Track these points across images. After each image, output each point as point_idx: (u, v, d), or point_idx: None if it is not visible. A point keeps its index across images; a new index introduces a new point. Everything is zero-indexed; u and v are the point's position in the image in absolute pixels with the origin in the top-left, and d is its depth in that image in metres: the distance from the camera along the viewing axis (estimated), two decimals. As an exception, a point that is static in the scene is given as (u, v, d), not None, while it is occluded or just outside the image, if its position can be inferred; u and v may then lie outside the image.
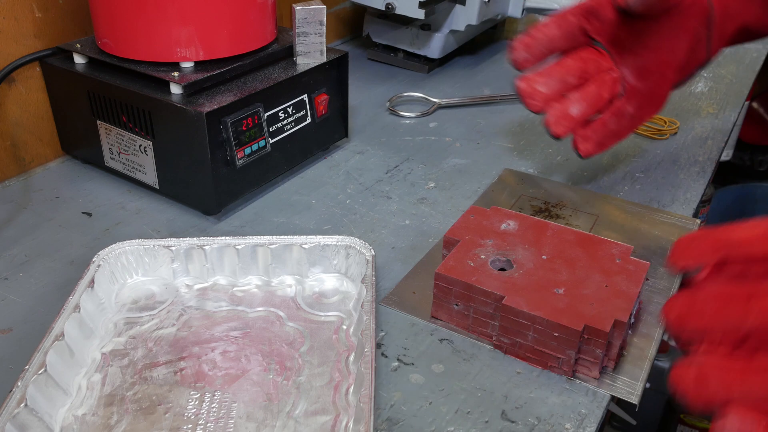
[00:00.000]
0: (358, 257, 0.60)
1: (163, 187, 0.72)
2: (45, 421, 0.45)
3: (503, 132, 0.92)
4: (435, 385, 0.51)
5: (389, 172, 0.81)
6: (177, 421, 0.47)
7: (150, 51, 0.68)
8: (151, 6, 0.65)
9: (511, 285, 0.53)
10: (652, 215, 0.71)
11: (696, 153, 0.87)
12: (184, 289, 0.60)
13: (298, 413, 0.48)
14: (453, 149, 0.87)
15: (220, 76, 0.68)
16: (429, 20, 1.05)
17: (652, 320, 0.58)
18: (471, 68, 1.14)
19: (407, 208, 0.73)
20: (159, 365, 0.52)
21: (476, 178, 0.80)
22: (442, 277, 0.55)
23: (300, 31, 0.74)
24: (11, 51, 0.72)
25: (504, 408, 0.49)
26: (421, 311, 0.58)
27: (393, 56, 1.13)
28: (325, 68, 0.78)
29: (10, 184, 0.76)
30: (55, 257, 0.64)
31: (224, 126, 0.66)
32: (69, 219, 0.70)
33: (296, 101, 0.75)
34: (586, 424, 0.48)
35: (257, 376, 0.51)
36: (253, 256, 0.60)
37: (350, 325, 0.56)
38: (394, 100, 0.98)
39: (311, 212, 0.72)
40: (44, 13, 0.74)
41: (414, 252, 0.66)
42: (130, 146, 0.71)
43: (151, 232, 0.68)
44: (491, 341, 0.55)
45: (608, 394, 0.51)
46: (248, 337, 0.55)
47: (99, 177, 0.78)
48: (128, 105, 0.68)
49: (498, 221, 0.61)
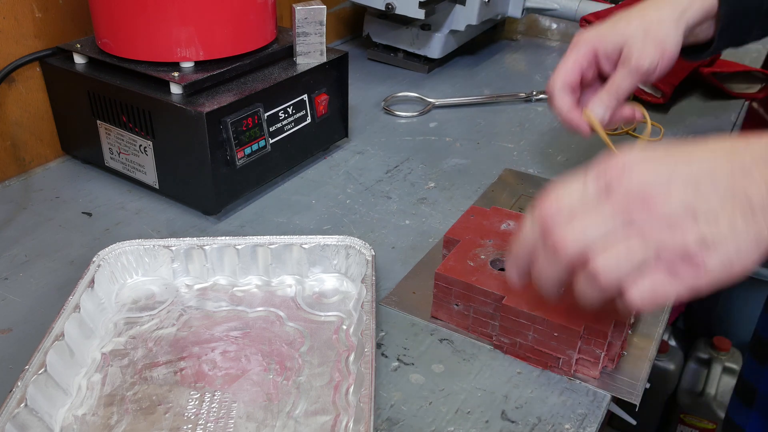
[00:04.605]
0: (358, 257, 0.60)
1: (163, 187, 0.72)
2: (45, 421, 0.45)
3: (503, 132, 0.92)
4: (435, 385, 0.51)
5: (389, 172, 0.81)
6: (177, 421, 0.47)
7: (150, 51, 0.68)
8: (151, 6, 0.65)
9: (511, 285, 0.53)
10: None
11: (696, 153, 0.86)
12: (184, 289, 0.60)
13: (298, 413, 0.48)
14: (453, 149, 0.87)
15: (220, 76, 0.68)
16: (429, 20, 1.05)
17: (652, 320, 0.58)
18: (471, 68, 1.14)
19: (407, 208, 0.73)
20: (159, 365, 0.52)
21: (476, 178, 0.80)
22: (442, 277, 0.55)
23: (300, 31, 0.74)
24: (11, 51, 0.72)
25: (504, 408, 0.49)
26: (421, 311, 0.58)
27: (393, 56, 1.13)
28: (325, 68, 0.78)
29: (10, 184, 0.76)
30: (55, 257, 0.64)
31: (224, 126, 0.66)
32: (69, 219, 0.70)
33: (296, 101, 0.75)
34: (586, 424, 0.48)
35: (257, 376, 0.51)
36: (253, 256, 0.60)
37: (350, 325, 0.56)
38: (389, 99, 0.98)
39: (311, 212, 0.72)
40: (44, 13, 0.74)
41: (414, 252, 0.66)
42: (130, 146, 0.71)
43: (151, 232, 0.68)
44: (491, 341, 0.55)
45: (608, 394, 0.51)
46: (248, 337, 0.55)
47: (99, 177, 0.78)
48: (128, 105, 0.68)
49: (498, 221, 0.61)
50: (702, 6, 0.64)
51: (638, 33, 0.63)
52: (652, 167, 0.40)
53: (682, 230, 0.38)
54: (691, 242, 0.38)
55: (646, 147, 0.42)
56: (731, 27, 0.66)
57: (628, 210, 0.39)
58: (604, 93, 0.64)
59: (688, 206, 0.38)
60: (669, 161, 0.40)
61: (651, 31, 0.63)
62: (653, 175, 0.40)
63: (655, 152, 0.41)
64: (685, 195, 0.39)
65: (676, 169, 0.40)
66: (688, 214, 0.38)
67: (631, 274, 0.39)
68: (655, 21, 0.63)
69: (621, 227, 0.40)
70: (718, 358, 1.45)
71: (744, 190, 0.38)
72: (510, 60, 1.19)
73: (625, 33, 0.63)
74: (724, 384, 1.43)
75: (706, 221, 0.38)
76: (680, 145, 0.41)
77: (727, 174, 0.39)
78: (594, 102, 0.65)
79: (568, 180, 0.42)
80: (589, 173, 0.41)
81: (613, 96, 0.64)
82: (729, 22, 0.65)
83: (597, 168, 0.41)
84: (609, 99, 0.64)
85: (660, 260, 0.39)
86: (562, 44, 1.27)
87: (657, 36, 0.62)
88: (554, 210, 0.41)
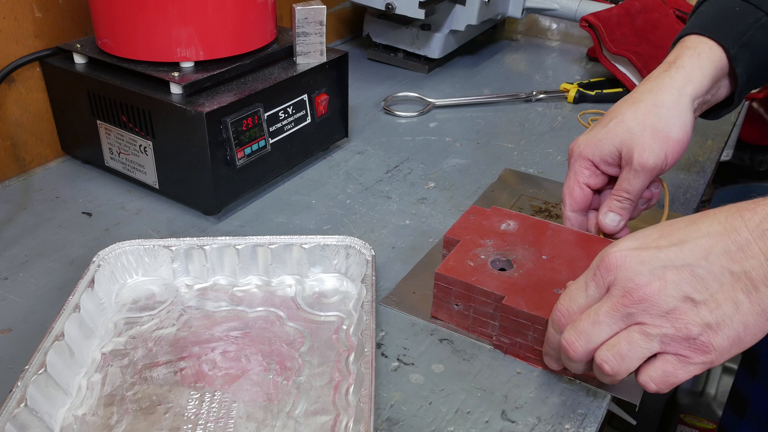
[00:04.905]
0: (358, 257, 0.60)
1: (163, 187, 0.72)
2: (45, 421, 0.45)
3: (503, 132, 0.92)
4: (435, 385, 0.51)
5: (389, 172, 0.81)
6: (177, 421, 0.47)
7: (150, 51, 0.68)
8: (151, 6, 0.65)
9: (511, 285, 0.53)
10: (652, 215, 0.71)
11: (696, 153, 0.87)
12: (184, 289, 0.60)
13: (298, 413, 0.48)
14: (453, 149, 0.87)
15: (220, 76, 0.68)
16: (429, 20, 1.05)
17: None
18: (471, 68, 1.14)
19: (407, 208, 0.73)
20: (159, 365, 0.52)
21: (476, 178, 0.80)
22: (442, 277, 0.55)
23: (300, 31, 0.74)
24: (11, 51, 0.72)
25: (504, 408, 0.49)
26: (421, 311, 0.58)
27: (393, 56, 1.13)
28: (325, 68, 0.78)
29: (10, 184, 0.76)
30: (55, 257, 0.64)
31: (224, 126, 0.66)
32: (69, 219, 0.70)
33: (296, 101, 0.75)
34: (586, 424, 0.48)
35: (257, 376, 0.51)
36: (253, 256, 0.60)
37: (350, 325, 0.56)
38: (389, 99, 0.98)
39: (311, 212, 0.72)
40: (44, 13, 0.74)
41: (414, 252, 0.66)
42: (130, 146, 0.71)
43: (151, 232, 0.68)
44: (491, 341, 0.55)
45: (608, 394, 0.51)
46: (248, 337, 0.55)
47: (99, 177, 0.78)
48: (128, 105, 0.68)
49: (498, 221, 0.61)
50: (706, 74, 0.58)
51: (634, 128, 0.57)
52: (646, 258, 0.41)
53: (684, 320, 0.39)
54: (695, 329, 0.39)
55: (638, 235, 0.43)
56: (750, 83, 0.60)
57: (625, 306, 0.41)
58: (613, 201, 0.59)
59: (685, 295, 0.39)
60: (661, 248, 0.41)
61: (648, 122, 0.56)
62: (646, 267, 0.41)
63: (648, 239, 0.42)
64: (680, 283, 0.39)
65: (669, 256, 0.40)
66: (687, 302, 0.39)
67: (637, 363, 0.41)
68: (651, 110, 0.57)
69: (622, 322, 0.42)
70: (717, 358, 1.45)
71: (742, 267, 0.38)
72: (510, 60, 1.19)
73: (618, 133, 0.57)
74: (724, 384, 1.43)
75: (707, 306, 0.39)
76: (674, 225, 0.42)
77: (721, 252, 0.39)
78: (603, 211, 0.59)
79: (574, 283, 0.46)
80: (589, 272, 0.44)
81: (624, 201, 0.59)
82: (748, 80, 0.59)
83: (595, 267, 0.43)
84: (618, 207, 0.59)
85: (668, 347, 0.40)
86: (562, 44, 1.27)
87: (657, 126, 0.56)
88: (563, 315, 0.45)
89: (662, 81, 0.58)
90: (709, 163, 0.84)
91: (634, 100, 0.59)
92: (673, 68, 0.58)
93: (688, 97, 0.57)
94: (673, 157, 0.57)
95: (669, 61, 0.59)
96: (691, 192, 0.78)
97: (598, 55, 1.03)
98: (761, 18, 0.59)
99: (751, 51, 0.58)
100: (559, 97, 1.02)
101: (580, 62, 1.17)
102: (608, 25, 1.01)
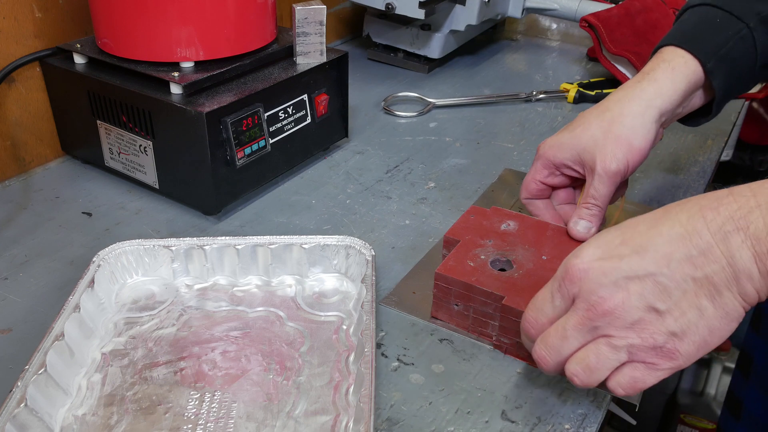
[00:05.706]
0: (358, 257, 0.60)
1: (163, 187, 0.72)
2: (45, 421, 0.45)
3: (503, 132, 0.92)
4: (435, 385, 0.51)
5: (389, 172, 0.81)
6: (177, 421, 0.47)
7: (150, 51, 0.68)
8: (151, 6, 0.65)
9: (511, 285, 0.53)
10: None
11: (696, 153, 0.87)
12: (184, 289, 0.60)
13: (298, 413, 0.48)
14: (453, 149, 0.87)
15: (220, 76, 0.68)
16: (429, 20, 1.05)
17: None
18: (471, 68, 1.14)
19: (407, 208, 0.73)
20: (159, 365, 0.52)
21: (476, 178, 0.80)
22: (442, 277, 0.55)
23: (300, 31, 0.74)
24: (11, 51, 0.72)
25: (504, 408, 0.49)
26: (421, 311, 0.58)
27: (393, 56, 1.13)
28: (325, 68, 0.78)
29: (10, 184, 0.76)
30: (55, 257, 0.64)
31: (224, 126, 0.66)
32: (69, 219, 0.70)
33: (296, 101, 0.75)
34: (586, 424, 0.48)
35: (257, 376, 0.51)
36: (253, 256, 0.60)
37: (350, 325, 0.56)
38: (389, 99, 0.98)
39: (311, 212, 0.72)
40: (44, 13, 0.74)
41: (414, 252, 0.66)
42: (130, 146, 0.71)
43: (151, 232, 0.68)
44: (491, 341, 0.55)
45: (608, 394, 0.51)
46: (248, 337, 0.55)
47: (99, 177, 0.78)
48: (128, 105, 0.68)
49: (498, 221, 0.61)
50: (677, 88, 0.58)
51: (598, 136, 0.58)
52: (609, 269, 0.41)
53: (649, 330, 0.40)
54: (660, 338, 0.40)
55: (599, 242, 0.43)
56: (729, 94, 0.61)
57: (591, 320, 0.42)
58: (582, 209, 0.60)
59: (649, 305, 0.40)
60: (623, 257, 0.41)
61: (613, 129, 0.58)
62: (609, 278, 0.41)
63: (609, 246, 0.42)
64: (644, 294, 0.40)
65: (631, 266, 0.40)
66: (651, 312, 0.40)
67: (606, 373, 0.42)
68: (616, 118, 0.58)
69: (589, 335, 0.42)
70: (717, 358, 1.45)
71: (704, 272, 0.38)
72: (510, 60, 1.19)
73: (582, 139, 0.59)
74: (723, 384, 1.43)
75: (671, 315, 0.39)
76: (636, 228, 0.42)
77: (683, 258, 0.39)
78: (573, 220, 0.60)
79: (540, 293, 0.46)
80: (554, 283, 0.44)
81: (593, 208, 0.59)
82: (725, 91, 0.60)
83: (560, 279, 0.44)
84: (587, 214, 0.59)
85: (635, 356, 0.41)
86: (562, 44, 1.27)
87: (620, 134, 0.58)
88: (532, 326, 0.46)
89: (633, 92, 0.59)
90: (709, 163, 0.84)
91: (602, 109, 0.60)
92: (646, 80, 0.59)
93: (656, 109, 0.58)
94: (634, 165, 0.59)
95: (644, 72, 0.60)
96: (691, 192, 0.78)
97: (598, 55, 1.03)
98: (742, 30, 0.59)
99: (730, 63, 0.59)
100: (559, 97, 1.02)
101: (580, 62, 1.17)
102: (608, 26, 1.01)
